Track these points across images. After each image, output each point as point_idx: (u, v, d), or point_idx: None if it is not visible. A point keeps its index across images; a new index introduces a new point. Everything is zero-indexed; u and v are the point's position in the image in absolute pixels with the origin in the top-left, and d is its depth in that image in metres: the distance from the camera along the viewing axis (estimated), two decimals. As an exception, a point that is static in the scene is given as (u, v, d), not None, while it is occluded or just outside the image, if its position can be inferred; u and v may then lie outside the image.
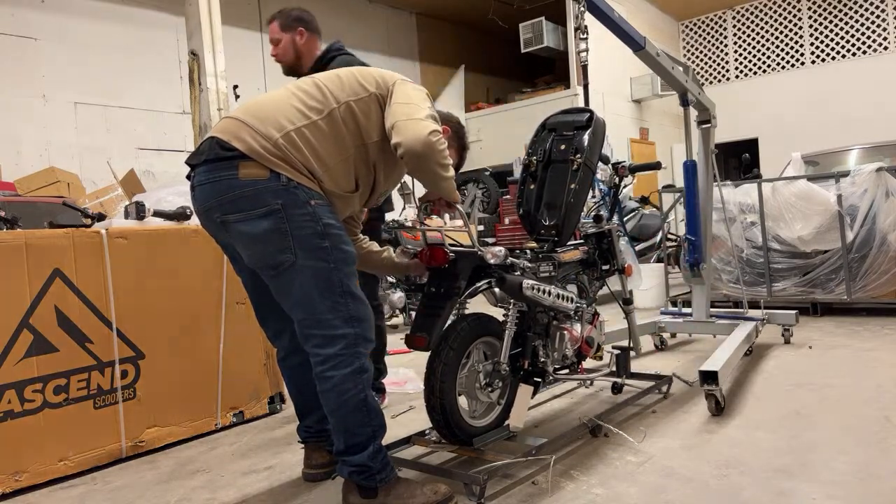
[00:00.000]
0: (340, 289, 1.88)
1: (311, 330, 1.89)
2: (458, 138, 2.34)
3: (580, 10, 3.00)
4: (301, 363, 2.15)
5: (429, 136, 1.85)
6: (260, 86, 8.38)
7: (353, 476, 1.91)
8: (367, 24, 10.01)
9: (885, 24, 10.48)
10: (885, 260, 4.49)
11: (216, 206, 1.87)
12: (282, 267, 1.85)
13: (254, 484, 2.30)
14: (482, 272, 2.19)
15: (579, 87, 8.54)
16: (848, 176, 4.65)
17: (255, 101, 1.96)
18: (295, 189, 1.83)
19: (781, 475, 2.05)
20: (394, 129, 1.89)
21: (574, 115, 2.70)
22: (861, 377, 3.11)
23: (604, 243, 2.77)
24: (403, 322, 5.45)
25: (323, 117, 1.90)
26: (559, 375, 2.50)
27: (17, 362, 2.33)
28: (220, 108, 4.95)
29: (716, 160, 3.87)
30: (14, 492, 2.30)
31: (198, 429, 2.84)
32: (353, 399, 1.87)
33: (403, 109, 1.91)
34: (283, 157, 1.83)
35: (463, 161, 2.42)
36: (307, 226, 1.84)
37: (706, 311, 3.97)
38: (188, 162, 1.96)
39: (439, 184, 1.99)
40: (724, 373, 2.72)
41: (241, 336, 3.04)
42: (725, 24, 11.89)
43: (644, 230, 6.65)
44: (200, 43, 4.89)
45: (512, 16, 10.61)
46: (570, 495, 2.01)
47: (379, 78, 2.02)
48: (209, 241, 2.93)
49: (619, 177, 3.03)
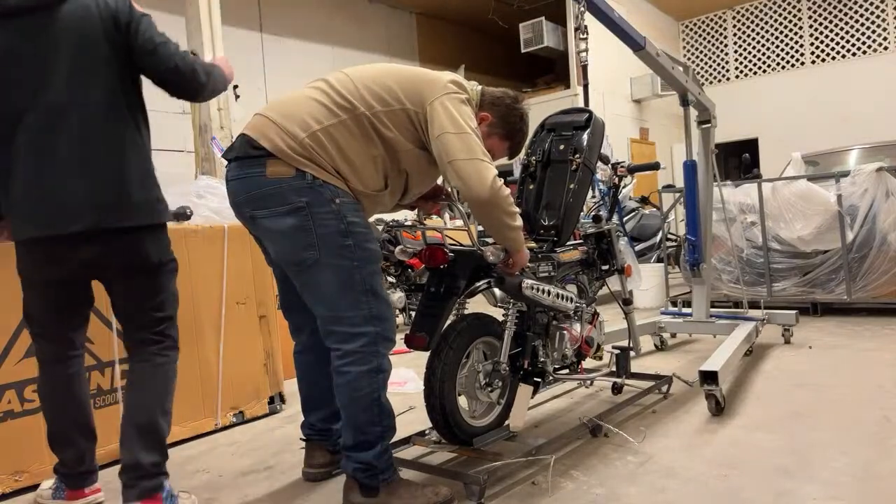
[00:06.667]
0: (363, 287, 1.88)
1: (333, 326, 1.90)
2: (504, 125, 2.14)
3: (580, 10, 3.00)
4: (316, 360, 2.16)
5: (493, 184, 1.85)
6: (260, 86, 8.38)
7: (357, 473, 1.91)
8: (367, 24, 10.01)
9: (885, 24, 10.47)
10: (885, 260, 4.49)
11: (245, 201, 1.90)
12: (305, 264, 1.86)
13: (254, 484, 2.30)
14: (482, 272, 2.19)
15: (579, 87, 8.54)
16: (848, 176, 4.65)
17: (284, 99, 1.97)
18: (320, 187, 1.84)
19: (781, 475, 2.05)
20: (452, 167, 1.86)
21: (573, 115, 2.70)
22: (861, 377, 3.11)
23: (603, 243, 2.77)
24: (403, 322, 5.45)
25: (351, 117, 1.88)
26: (559, 375, 2.50)
27: (18, 362, 2.34)
28: (221, 109, 4.95)
29: (716, 160, 3.87)
30: (14, 492, 2.30)
31: (198, 429, 2.84)
32: (366, 397, 1.88)
33: (458, 144, 1.85)
34: (309, 156, 1.84)
35: (516, 149, 2.23)
36: (331, 224, 1.84)
37: (706, 312, 3.97)
38: (224, 156, 2.00)
39: (505, 233, 1.99)
40: (724, 373, 2.73)
41: (241, 336, 3.04)
42: (725, 24, 11.88)
43: (644, 230, 6.65)
44: (200, 43, 4.89)
45: (512, 16, 10.60)
46: (570, 495, 2.01)
47: (415, 93, 1.92)
48: (209, 242, 2.95)
49: (619, 177, 3.03)
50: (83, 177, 1.85)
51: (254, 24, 8.43)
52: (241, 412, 3.03)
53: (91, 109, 1.86)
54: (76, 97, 1.85)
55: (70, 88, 1.84)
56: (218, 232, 2.98)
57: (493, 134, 2.13)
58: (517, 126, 2.18)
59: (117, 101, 1.91)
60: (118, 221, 1.89)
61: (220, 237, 2.99)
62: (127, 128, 1.93)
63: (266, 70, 8.46)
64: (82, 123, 1.85)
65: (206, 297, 2.92)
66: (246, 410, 3.05)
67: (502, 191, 1.89)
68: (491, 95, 2.13)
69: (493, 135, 2.13)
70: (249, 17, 8.38)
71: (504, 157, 2.24)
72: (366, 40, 9.88)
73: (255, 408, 3.10)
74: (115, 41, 1.89)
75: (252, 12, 8.44)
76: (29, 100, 1.83)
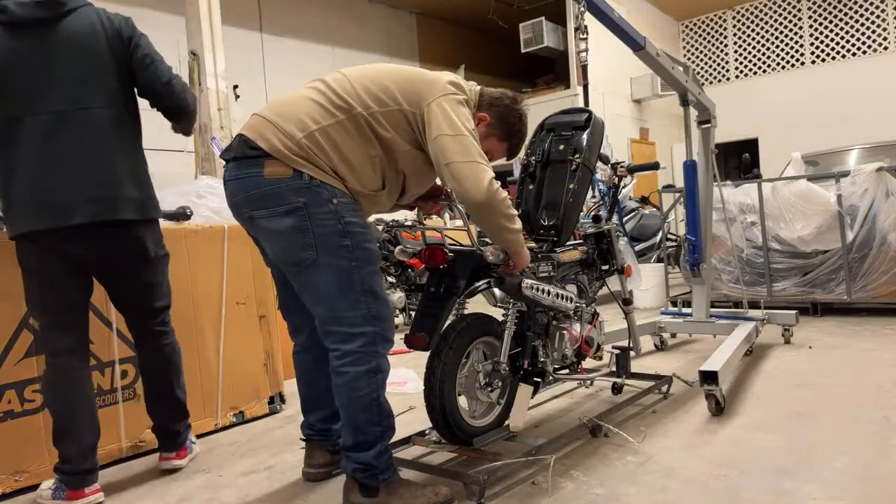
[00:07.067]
0: (361, 287, 1.88)
1: (331, 327, 1.90)
2: (502, 126, 2.13)
3: (580, 10, 3.00)
4: (315, 360, 2.16)
5: (489, 187, 1.84)
6: (260, 86, 8.38)
7: (357, 473, 1.91)
8: (367, 24, 10.01)
9: (885, 24, 10.47)
10: (885, 260, 4.49)
11: (243, 202, 1.90)
12: (303, 264, 1.86)
13: (254, 484, 2.30)
14: (482, 272, 2.19)
15: (579, 87, 8.55)
16: (848, 176, 4.65)
17: (281, 99, 1.97)
18: (317, 187, 1.84)
19: (781, 475, 2.05)
20: (449, 169, 1.86)
21: (572, 115, 2.70)
22: (861, 377, 3.11)
23: (603, 243, 2.77)
24: (403, 322, 5.45)
25: (348, 117, 1.88)
26: (559, 375, 2.50)
27: (17, 362, 2.33)
28: (221, 108, 4.95)
29: (716, 160, 3.87)
30: (14, 492, 2.30)
31: (198, 429, 2.83)
32: (365, 397, 1.88)
33: (455, 146, 1.85)
34: (306, 157, 1.83)
35: (515, 150, 2.22)
36: (329, 224, 1.84)
37: (706, 311, 3.97)
38: (222, 157, 2.00)
39: (503, 236, 1.99)
40: (724, 373, 2.73)
41: (241, 336, 3.04)
42: (725, 24, 11.89)
43: (644, 230, 6.65)
44: (200, 43, 4.89)
45: (512, 16, 10.60)
46: (570, 495, 2.01)
47: (413, 93, 1.92)
48: (209, 241, 2.95)
49: (619, 177, 3.03)
50: (83, 176, 2.04)
51: (254, 24, 8.43)
52: (241, 412, 3.03)
53: (92, 115, 2.05)
54: (79, 103, 2.02)
55: (73, 95, 2.01)
56: (218, 232, 2.98)
57: (492, 135, 2.13)
58: (515, 127, 2.17)
59: (116, 108, 2.11)
60: (115, 215, 2.09)
61: (220, 237, 2.99)
62: (124, 133, 2.14)
63: (266, 70, 8.46)
64: (84, 127, 2.04)
65: (206, 297, 2.92)
66: (246, 410, 3.05)
67: (499, 194, 1.88)
68: (489, 96, 2.12)
69: (491, 135, 2.12)
70: (249, 17, 8.39)
71: (502, 157, 2.23)
72: (366, 40, 9.88)
73: (255, 408, 3.10)
74: (117, 54, 2.08)
75: (252, 12, 8.44)
76: (32, 104, 2.00)
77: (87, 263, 2.16)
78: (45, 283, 2.12)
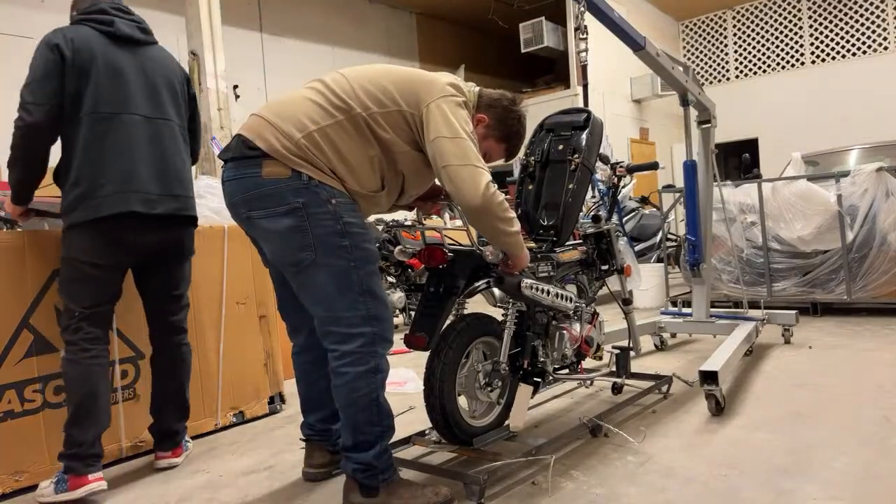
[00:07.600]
0: (360, 287, 1.88)
1: (330, 327, 1.90)
2: (501, 127, 2.13)
3: (580, 10, 3.00)
4: (314, 360, 2.16)
5: (485, 191, 1.84)
6: (260, 86, 8.39)
7: (357, 473, 1.91)
8: (367, 24, 10.02)
9: (885, 24, 10.48)
10: (885, 260, 4.49)
11: (241, 202, 1.90)
12: (302, 264, 1.86)
13: (254, 484, 2.30)
14: (481, 272, 2.19)
15: (579, 87, 8.54)
16: (848, 176, 4.65)
17: (280, 99, 1.96)
18: (316, 187, 1.83)
19: (781, 475, 2.05)
20: (446, 171, 1.85)
21: (572, 115, 2.70)
22: (861, 377, 3.11)
23: (603, 243, 2.77)
24: (403, 322, 5.45)
25: (347, 117, 1.88)
26: (559, 375, 2.50)
27: (17, 362, 2.33)
28: (221, 108, 4.96)
29: (716, 160, 3.87)
30: (14, 492, 2.30)
31: (198, 429, 2.84)
32: (364, 398, 1.88)
33: (452, 149, 1.85)
34: (305, 157, 1.83)
35: (513, 151, 2.21)
36: (327, 224, 1.84)
37: (706, 311, 3.97)
38: (220, 157, 2.01)
39: (501, 239, 1.98)
40: (724, 373, 2.72)
41: (241, 336, 3.04)
42: (725, 24, 11.89)
43: (644, 230, 6.65)
44: (200, 43, 4.90)
45: (512, 16, 10.61)
46: (570, 495, 2.01)
47: (411, 94, 1.92)
48: (209, 241, 2.95)
49: (618, 177, 3.03)
50: (167, 174, 2.37)
51: (254, 24, 8.43)
52: (241, 412, 3.03)
53: (170, 125, 2.43)
54: (162, 113, 2.40)
55: (157, 105, 2.39)
56: (218, 232, 2.98)
57: (490, 136, 2.12)
58: (514, 128, 2.16)
59: (181, 125, 2.51)
60: (187, 211, 2.43)
61: (220, 237, 2.99)
62: (185, 144, 2.53)
63: (266, 70, 8.46)
64: (166, 134, 2.40)
65: (206, 297, 2.92)
66: (246, 410, 3.05)
67: (495, 197, 1.87)
68: (488, 97, 2.11)
69: (489, 137, 2.12)
70: (249, 17, 8.39)
71: (500, 159, 2.23)
72: (365, 40, 9.89)
73: (255, 408, 3.10)
74: (182, 88, 2.54)
75: (252, 12, 8.44)
76: (126, 104, 2.30)
77: (149, 252, 2.39)
78: (100, 274, 2.26)
